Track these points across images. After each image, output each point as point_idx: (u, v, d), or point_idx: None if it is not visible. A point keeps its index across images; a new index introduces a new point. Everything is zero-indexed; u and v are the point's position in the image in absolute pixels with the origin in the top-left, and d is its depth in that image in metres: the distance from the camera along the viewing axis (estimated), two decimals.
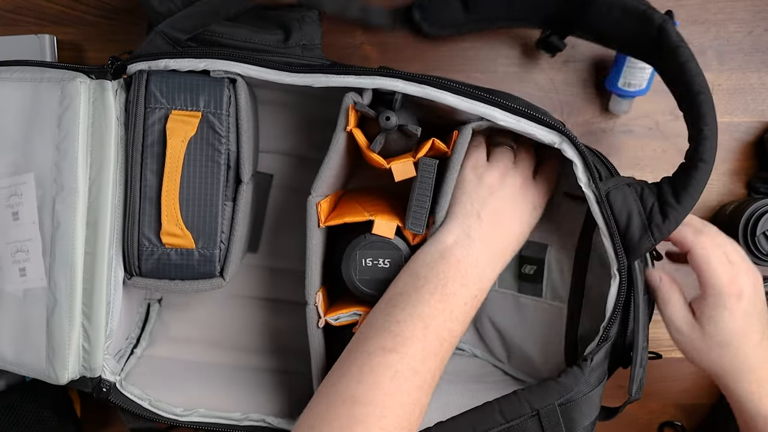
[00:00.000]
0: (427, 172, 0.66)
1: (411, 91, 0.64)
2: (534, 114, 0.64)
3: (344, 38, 0.83)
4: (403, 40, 0.83)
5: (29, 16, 0.82)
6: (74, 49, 0.82)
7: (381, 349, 0.58)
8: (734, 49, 0.84)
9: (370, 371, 0.57)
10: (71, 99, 0.63)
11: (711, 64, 0.84)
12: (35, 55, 0.78)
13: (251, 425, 0.69)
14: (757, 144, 0.85)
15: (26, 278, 0.65)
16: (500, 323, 0.80)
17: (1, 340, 0.66)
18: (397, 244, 0.67)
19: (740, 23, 0.84)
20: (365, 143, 0.67)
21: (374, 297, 0.68)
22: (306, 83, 0.65)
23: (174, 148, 0.65)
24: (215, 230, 0.67)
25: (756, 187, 0.84)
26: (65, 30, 0.82)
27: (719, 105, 0.84)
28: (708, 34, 0.84)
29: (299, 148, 0.80)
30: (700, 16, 0.84)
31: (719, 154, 0.81)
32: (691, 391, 0.87)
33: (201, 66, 0.66)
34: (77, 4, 0.82)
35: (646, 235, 0.61)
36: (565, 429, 0.64)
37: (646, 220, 0.62)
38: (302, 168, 0.80)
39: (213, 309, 0.82)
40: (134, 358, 0.76)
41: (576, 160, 0.64)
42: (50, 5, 0.82)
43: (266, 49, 0.69)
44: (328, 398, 0.57)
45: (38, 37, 0.78)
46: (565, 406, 0.63)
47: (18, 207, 0.66)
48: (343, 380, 0.58)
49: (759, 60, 0.84)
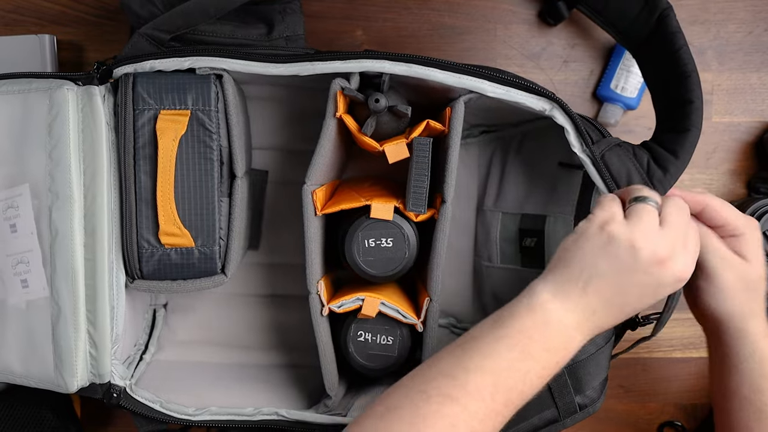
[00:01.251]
0: (422, 151, 0.66)
1: (398, 71, 0.64)
2: (522, 82, 0.64)
3: (344, 38, 0.83)
4: (403, 40, 0.83)
5: (29, 16, 0.82)
6: (74, 49, 0.82)
7: (441, 395, 0.51)
8: (734, 49, 0.84)
9: (425, 417, 0.50)
10: (60, 107, 0.63)
11: (711, 65, 0.84)
12: (35, 55, 0.78)
13: (264, 419, 0.69)
14: (757, 144, 0.85)
15: (28, 289, 0.65)
16: (506, 299, 0.79)
17: (8, 354, 0.66)
18: (397, 222, 0.67)
19: (740, 23, 0.84)
20: (356, 127, 0.67)
21: (379, 278, 0.68)
22: (292, 72, 0.65)
23: (165, 148, 0.65)
24: (213, 227, 0.67)
25: (756, 187, 0.84)
26: (65, 30, 0.82)
27: (719, 105, 0.84)
28: (708, 34, 0.84)
29: (292, 142, 0.80)
30: (700, 16, 0.84)
31: (719, 155, 0.84)
32: (691, 391, 0.87)
33: (186, 64, 0.66)
34: (77, 4, 0.82)
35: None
36: (573, 389, 0.64)
37: (646, 176, 0.62)
38: (297, 161, 0.80)
39: (219, 310, 0.82)
40: (143, 364, 0.76)
41: (568, 126, 0.64)
42: (50, 5, 0.82)
43: (250, 43, 0.69)
44: (375, 426, 0.51)
45: (38, 37, 0.79)
46: (571, 366, 0.63)
47: (15, 219, 0.66)
48: (392, 415, 0.51)
49: (759, 60, 0.84)
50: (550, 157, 0.76)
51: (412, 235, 0.68)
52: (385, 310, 0.68)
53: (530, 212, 0.77)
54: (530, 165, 0.78)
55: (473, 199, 0.82)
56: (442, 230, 0.67)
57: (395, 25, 0.83)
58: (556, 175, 0.76)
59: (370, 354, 0.70)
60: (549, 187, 0.76)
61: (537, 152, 0.78)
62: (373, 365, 0.70)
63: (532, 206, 0.77)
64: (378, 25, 0.83)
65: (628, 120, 0.84)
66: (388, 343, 0.70)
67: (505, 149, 0.80)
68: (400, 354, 0.70)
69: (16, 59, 0.78)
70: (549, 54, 0.84)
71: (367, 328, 0.70)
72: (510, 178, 0.79)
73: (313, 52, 0.69)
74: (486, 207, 0.80)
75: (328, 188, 0.72)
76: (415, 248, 0.68)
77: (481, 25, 0.83)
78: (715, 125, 0.84)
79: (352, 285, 0.74)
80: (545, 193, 0.77)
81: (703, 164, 0.85)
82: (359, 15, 0.83)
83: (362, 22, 0.83)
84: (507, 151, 0.79)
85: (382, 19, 0.83)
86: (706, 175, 0.85)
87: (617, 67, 0.81)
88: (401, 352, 0.70)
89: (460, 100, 0.66)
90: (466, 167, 0.81)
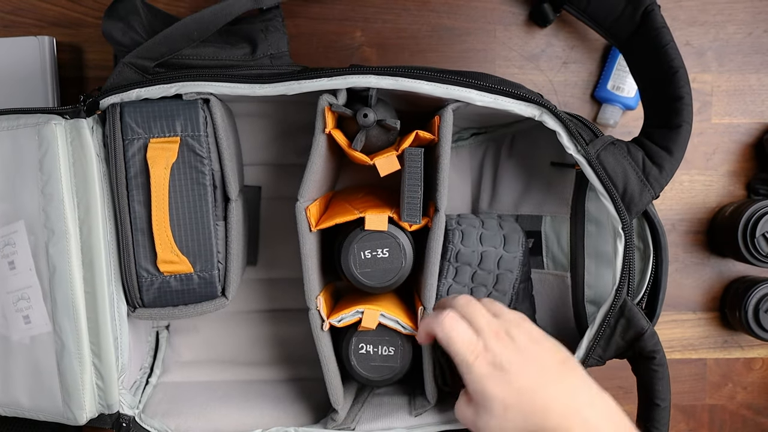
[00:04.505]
0: (414, 162, 0.66)
1: (385, 85, 0.64)
2: (510, 90, 0.64)
3: (343, 40, 0.83)
4: (402, 42, 0.83)
5: (29, 18, 0.82)
6: (74, 51, 0.82)
7: None
8: (734, 51, 0.84)
9: None
10: (49, 142, 0.63)
11: (710, 66, 0.84)
12: (35, 57, 0.78)
13: None
14: (756, 145, 0.85)
15: (31, 325, 0.66)
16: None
17: (17, 390, 0.67)
18: (392, 233, 0.67)
19: (740, 25, 0.84)
20: (346, 143, 0.67)
21: (377, 289, 0.68)
22: (279, 92, 0.65)
23: (158, 177, 0.65)
24: (211, 251, 0.67)
25: (755, 189, 0.84)
26: (65, 32, 0.82)
27: (719, 106, 0.84)
28: (707, 36, 0.84)
29: (283, 156, 0.80)
30: (699, 17, 0.83)
31: (718, 156, 0.84)
32: (690, 392, 0.88)
33: (173, 91, 0.65)
34: (77, 6, 0.82)
35: (646, 188, 0.62)
36: None
37: (642, 174, 0.62)
38: (289, 176, 0.80)
39: (221, 328, 0.82)
40: (150, 388, 0.76)
41: (559, 130, 0.64)
42: (50, 7, 0.82)
43: (235, 64, 0.69)
44: None
45: (38, 39, 0.79)
46: None
47: (13, 256, 0.66)
48: None
49: (758, 61, 0.84)
50: (543, 156, 0.76)
51: (407, 244, 0.68)
52: (384, 321, 0.68)
53: (526, 213, 0.78)
54: (523, 166, 0.78)
55: (467, 203, 0.82)
56: (436, 239, 0.67)
57: (394, 27, 0.83)
58: (550, 175, 0.76)
59: (373, 366, 0.70)
60: (543, 187, 0.77)
61: (529, 152, 0.78)
62: (377, 377, 0.70)
63: (527, 207, 0.78)
64: (377, 26, 0.83)
65: (627, 121, 0.84)
66: (390, 353, 0.70)
67: (496, 151, 0.80)
68: (402, 364, 0.70)
69: (15, 61, 0.78)
70: (548, 55, 0.84)
71: (367, 340, 0.70)
72: (503, 180, 0.79)
73: (299, 69, 0.68)
74: (481, 210, 0.81)
75: (322, 202, 0.72)
76: (411, 257, 0.68)
77: (480, 27, 0.83)
78: (714, 126, 0.84)
79: (350, 297, 0.75)
80: (540, 194, 0.77)
81: (702, 165, 0.85)
82: (358, 16, 0.83)
83: (361, 24, 0.83)
84: (499, 152, 0.79)
85: (381, 21, 0.83)
86: (706, 177, 0.85)
87: (614, 68, 0.81)
88: (404, 362, 0.70)
89: (449, 108, 0.66)
90: (459, 171, 0.81)
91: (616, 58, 0.81)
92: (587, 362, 0.66)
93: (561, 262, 0.77)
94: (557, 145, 0.65)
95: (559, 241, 0.77)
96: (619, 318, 0.64)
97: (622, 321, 0.64)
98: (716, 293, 0.87)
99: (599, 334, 0.65)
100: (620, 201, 0.63)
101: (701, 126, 0.84)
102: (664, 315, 0.84)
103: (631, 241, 0.63)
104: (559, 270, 0.78)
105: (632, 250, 0.64)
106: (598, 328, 0.65)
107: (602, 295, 0.75)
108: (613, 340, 0.65)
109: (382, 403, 0.74)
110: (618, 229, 0.63)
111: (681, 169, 0.84)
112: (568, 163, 0.74)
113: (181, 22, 0.66)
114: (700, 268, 0.86)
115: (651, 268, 0.67)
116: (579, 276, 0.76)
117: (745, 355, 0.88)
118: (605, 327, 0.65)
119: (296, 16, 0.83)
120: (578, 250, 0.76)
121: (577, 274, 0.76)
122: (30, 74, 0.79)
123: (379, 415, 0.72)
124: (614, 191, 0.63)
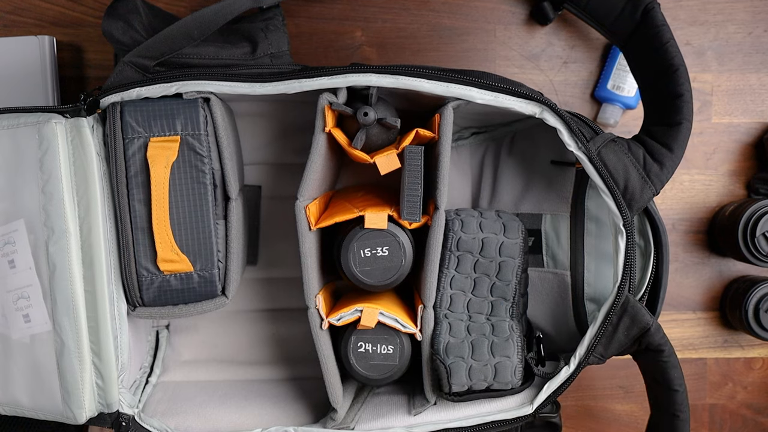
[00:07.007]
0: (414, 160, 0.66)
1: (385, 83, 0.64)
2: (510, 87, 0.64)
3: (344, 39, 0.83)
4: (402, 41, 0.84)
5: (29, 17, 0.82)
6: (74, 50, 0.83)
7: None
8: (734, 50, 0.84)
9: None
10: (49, 141, 0.63)
11: (710, 65, 0.84)
12: (35, 56, 0.79)
13: None
14: (756, 145, 0.85)
15: (31, 324, 0.66)
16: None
17: (16, 389, 0.67)
18: (392, 231, 0.67)
19: (740, 24, 0.84)
20: (346, 141, 0.67)
21: (377, 287, 0.68)
22: (280, 91, 0.65)
23: (158, 176, 0.65)
24: (211, 250, 0.67)
25: (755, 188, 0.84)
26: (65, 31, 0.82)
27: (719, 106, 0.84)
28: (707, 35, 0.84)
29: (283, 155, 0.80)
30: (699, 17, 0.84)
31: (718, 155, 0.85)
32: (690, 391, 0.87)
33: (173, 90, 0.65)
34: (77, 6, 0.82)
35: (647, 185, 0.62)
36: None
37: (643, 171, 0.62)
38: (289, 175, 0.80)
39: (221, 327, 0.82)
40: (150, 387, 0.76)
41: (560, 127, 0.64)
42: (50, 6, 0.82)
43: (235, 63, 0.69)
44: None
45: (38, 39, 0.79)
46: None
47: (13, 255, 0.66)
48: None
49: (758, 61, 0.84)
50: (543, 155, 0.76)
51: (407, 242, 0.68)
52: (383, 320, 0.68)
53: (526, 211, 0.78)
54: (523, 164, 0.78)
55: (467, 201, 0.82)
56: (436, 237, 0.67)
57: (394, 26, 0.84)
58: (549, 173, 0.76)
59: (372, 364, 0.70)
60: (543, 186, 0.77)
61: (529, 151, 0.78)
62: (376, 375, 0.70)
63: (527, 205, 0.78)
64: (377, 25, 0.84)
65: (627, 121, 0.84)
66: (389, 352, 0.70)
67: (496, 149, 0.80)
68: (401, 362, 0.70)
69: (15, 61, 0.79)
70: (549, 55, 0.84)
71: (367, 338, 0.70)
72: (503, 179, 0.79)
73: (299, 68, 0.69)
74: (481, 208, 0.81)
75: (322, 201, 0.72)
76: (411, 255, 0.68)
77: (480, 26, 0.83)
78: (714, 126, 0.85)
79: (350, 295, 0.75)
80: (539, 192, 0.77)
81: (702, 165, 0.85)
82: (358, 16, 0.84)
83: (361, 23, 0.83)
84: (499, 151, 0.79)
85: (381, 20, 0.84)
86: (706, 176, 0.85)
87: (614, 68, 0.81)
88: (403, 361, 0.70)
89: (449, 106, 0.66)
90: (459, 170, 0.81)
91: (616, 57, 0.81)
92: (588, 360, 0.66)
93: (561, 261, 0.77)
94: (557, 144, 0.65)
95: (558, 239, 0.77)
96: (621, 315, 0.64)
97: (625, 318, 0.64)
98: (716, 293, 0.87)
99: (601, 332, 0.65)
100: (621, 198, 0.63)
101: (701, 125, 0.84)
102: (664, 314, 0.84)
103: (633, 238, 0.63)
104: (558, 268, 0.78)
105: (634, 246, 0.64)
106: (600, 325, 0.65)
107: (602, 293, 0.75)
108: (616, 338, 0.65)
109: (382, 402, 0.74)
110: (619, 226, 0.63)
111: (681, 169, 0.84)
112: (568, 161, 0.74)
113: (181, 21, 0.66)
114: (700, 267, 0.86)
115: (652, 266, 0.67)
116: (579, 274, 0.76)
117: (745, 354, 0.88)
118: (607, 325, 0.65)
119: (296, 15, 0.83)
120: (578, 248, 0.76)
121: (576, 272, 0.76)
122: (30, 73, 0.79)
123: (378, 414, 0.71)
124: (615, 188, 0.63)
